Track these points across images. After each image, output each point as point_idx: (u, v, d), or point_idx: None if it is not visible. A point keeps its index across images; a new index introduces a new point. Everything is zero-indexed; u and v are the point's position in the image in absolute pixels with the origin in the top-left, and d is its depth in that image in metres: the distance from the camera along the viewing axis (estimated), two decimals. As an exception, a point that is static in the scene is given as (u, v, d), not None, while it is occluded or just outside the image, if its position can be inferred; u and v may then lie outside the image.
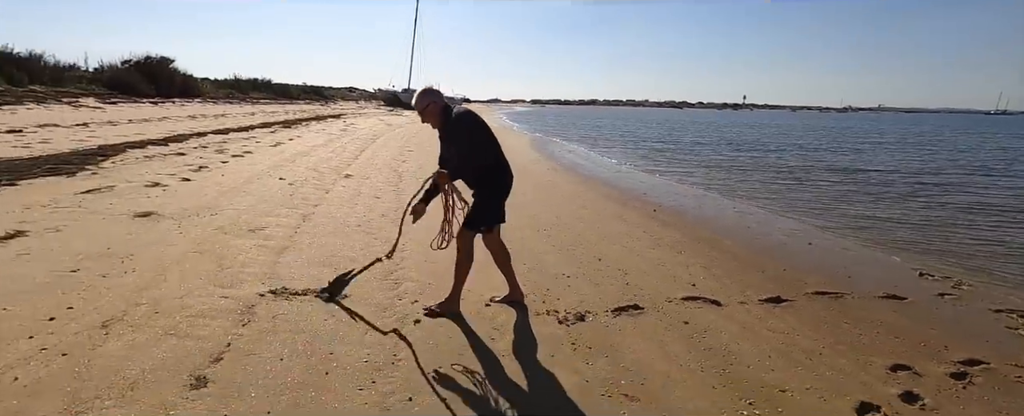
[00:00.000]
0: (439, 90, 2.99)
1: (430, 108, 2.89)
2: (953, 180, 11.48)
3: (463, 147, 2.86)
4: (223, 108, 20.46)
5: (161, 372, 2.16)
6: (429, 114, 2.91)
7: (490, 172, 2.96)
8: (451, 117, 2.89)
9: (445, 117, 2.89)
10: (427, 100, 2.89)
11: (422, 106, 2.89)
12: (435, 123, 2.94)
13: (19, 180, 5.18)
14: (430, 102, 2.89)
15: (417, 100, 2.91)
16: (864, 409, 2.34)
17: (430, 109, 2.89)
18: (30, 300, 2.74)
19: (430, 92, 2.93)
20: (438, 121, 2.92)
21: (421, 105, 2.90)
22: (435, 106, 2.89)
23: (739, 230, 6.02)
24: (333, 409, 2.02)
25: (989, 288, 4.30)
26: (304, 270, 3.52)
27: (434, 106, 2.89)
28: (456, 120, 2.88)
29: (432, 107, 2.89)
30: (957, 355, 2.90)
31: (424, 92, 2.93)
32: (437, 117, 2.90)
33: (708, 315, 3.29)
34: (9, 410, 1.86)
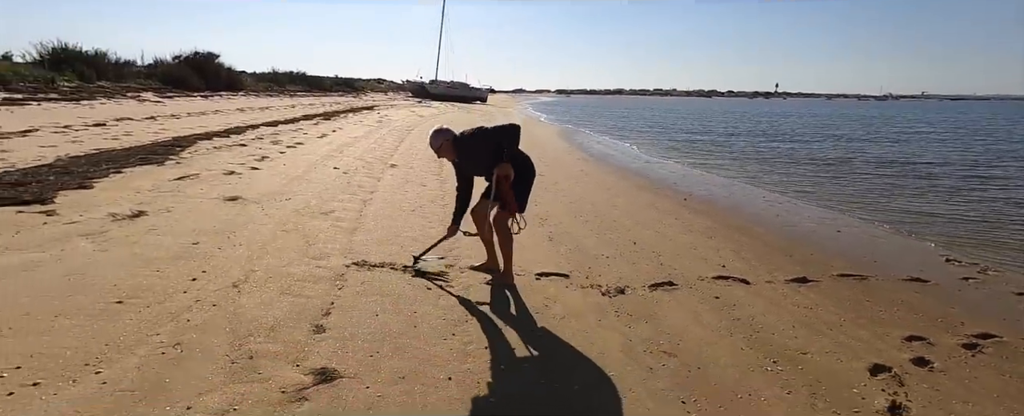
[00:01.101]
0: (448, 128, 3.42)
1: (444, 145, 3.34)
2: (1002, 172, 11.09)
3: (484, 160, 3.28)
4: (266, 101, 21.39)
5: (289, 320, 2.66)
6: (444, 150, 3.36)
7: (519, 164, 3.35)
8: (461, 144, 3.33)
9: (458, 147, 3.33)
10: (440, 140, 3.34)
11: (437, 145, 3.35)
12: (451, 156, 3.39)
13: (123, 168, 5.85)
14: (443, 141, 3.34)
15: (431, 141, 3.36)
16: (877, 370, 2.64)
17: (444, 146, 3.35)
18: (173, 266, 3.30)
19: (441, 132, 3.37)
20: (453, 154, 3.37)
21: (436, 145, 3.35)
22: (447, 143, 3.34)
23: (769, 218, 6.26)
24: (427, 352, 2.48)
25: (1016, 275, 4.47)
26: (376, 247, 4.00)
27: (447, 143, 3.34)
28: (466, 140, 3.31)
29: (445, 144, 3.34)
30: (972, 330, 3.15)
31: (435, 133, 3.38)
32: (452, 151, 3.36)
33: (737, 292, 3.62)
34: (193, 341, 2.39)
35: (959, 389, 2.47)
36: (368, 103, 29.28)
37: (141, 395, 1.94)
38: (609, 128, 23.88)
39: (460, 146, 3.34)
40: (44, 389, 1.92)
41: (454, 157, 3.40)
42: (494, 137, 3.28)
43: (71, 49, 18.59)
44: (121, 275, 3.06)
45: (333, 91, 38.93)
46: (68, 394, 1.91)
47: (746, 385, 2.40)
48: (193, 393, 1.98)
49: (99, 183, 5.16)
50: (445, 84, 50.76)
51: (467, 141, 3.33)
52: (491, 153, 3.26)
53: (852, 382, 2.48)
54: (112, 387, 1.97)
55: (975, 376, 2.64)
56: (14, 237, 3.58)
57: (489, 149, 3.27)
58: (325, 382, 2.16)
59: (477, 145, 3.31)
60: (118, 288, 2.87)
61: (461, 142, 3.34)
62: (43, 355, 2.15)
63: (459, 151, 3.36)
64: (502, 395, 2.19)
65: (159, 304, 2.72)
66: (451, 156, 3.39)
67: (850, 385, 2.45)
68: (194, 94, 19.78)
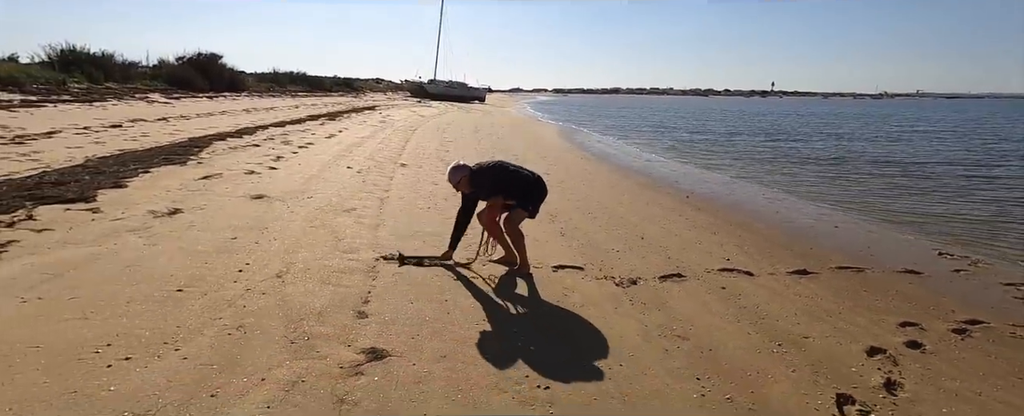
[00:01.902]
0: (464, 164, 3.70)
1: (462, 181, 3.63)
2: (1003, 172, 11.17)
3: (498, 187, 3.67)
4: (270, 102, 21.57)
5: (333, 307, 2.90)
6: (462, 185, 3.65)
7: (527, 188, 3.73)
8: (476, 178, 3.63)
9: (475, 180, 3.63)
10: (458, 176, 3.62)
11: (455, 181, 3.63)
12: (469, 189, 3.67)
13: (149, 168, 6.06)
14: (461, 177, 3.62)
15: (450, 176, 3.64)
16: (873, 352, 2.89)
17: (462, 182, 3.63)
18: (218, 258, 3.54)
19: (458, 168, 3.65)
20: (470, 187, 3.66)
21: (454, 180, 3.63)
22: (466, 178, 3.62)
23: (769, 215, 6.52)
24: (462, 335, 2.72)
25: (1005, 267, 4.71)
26: (400, 242, 4.23)
27: (465, 179, 3.62)
28: (482, 179, 3.63)
29: (463, 180, 3.62)
30: (962, 316, 3.40)
31: (454, 169, 3.65)
32: (469, 185, 3.65)
33: (742, 283, 3.86)
34: (252, 324, 2.62)
35: (948, 368, 2.72)
36: (369, 103, 29.47)
37: (219, 368, 2.18)
38: (608, 127, 24.12)
39: (476, 179, 3.64)
40: (135, 363, 2.16)
41: (470, 190, 3.69)
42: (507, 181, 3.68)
43: (79, 51, 18.83)
44: (174, 267, 3.30)
45: (333, 91, 39.09)
46: (157, 366, 2.14)
47: (754, 365, 2.65)
48: (263, 367, 2.22)
49: (131, 182, 5.39)
50: (444, 84, 50.90)
51: (484, 172, 3.66)
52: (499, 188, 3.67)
53: (851, 362, 2.73)
54: (193, 361, 2.21)
55: (963, 357, 2.88)
56: (69, 232, 3.80)
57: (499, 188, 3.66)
58: (376, 360, 2.39)
59: (492, 178, 3.66)
60: (175, 278, 3.11)
61: (477, 175, 3.64)
62: (126, 335, 2.39)
63: (477, 184, 3.65)
64: (535, 370, 2.42)
65: (215, 292, 2.96)
66: (469, 189, 3.68)
67: (849, 365, 2.70)
68: (199, 95, 19.94)
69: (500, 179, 3.68)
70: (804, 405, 2.32)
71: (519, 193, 3.70)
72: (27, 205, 4.17)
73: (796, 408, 2.29)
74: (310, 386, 2.13)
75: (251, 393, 2.04)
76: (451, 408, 2.09)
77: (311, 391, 2.10)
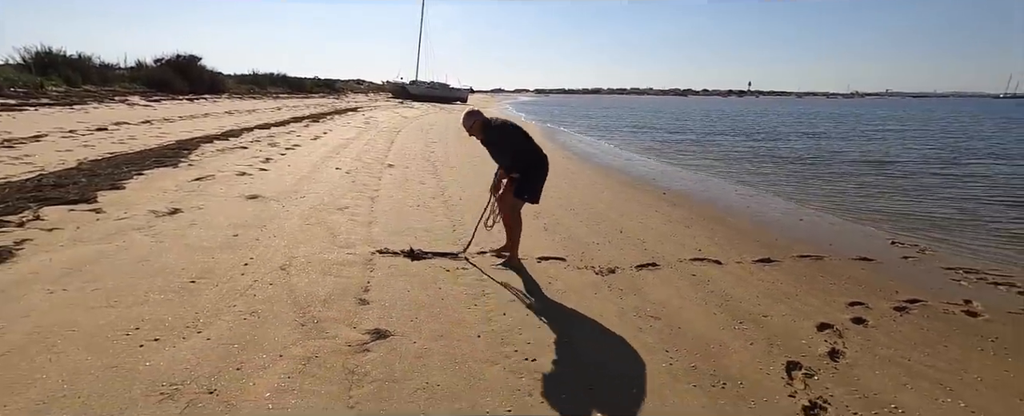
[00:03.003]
0: (479, 110, 3.95)
1: (475, 125, 3.88)
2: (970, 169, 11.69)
3: (507, 149, 3.85)
4: (251, 104, 21.48)
5: (336, 295, 3.15)
6: (474, 130, 3.89)
7: (531, 164, 3.91)
8: (490, 128, 3.86)
9: (486, 130, 3.87)
10: (471, 120, 3.88)
11: (468, 125, 3.88)
12: (480, 136, 3.91)
13: (142, 171, 6.19)
14: (474, 121, 3.88)
15: (463, 120, 3.89)
16: (822, 327, 3.25)
17: (475, 126, 3.88)
18: (223, 253, 3.76)
19: (473, 113, 3.90)
20: (481, 134, 3.89)
21: (467, 124, 3.88)
22: (477, 123, 3.87)
23: (740, 209, 6.93)
24: (456, 318, 3.00)
25: (948, 254, 5.16)
26: (392, 237, 4.48)
27: (477, 123, 3.88)
28: (495, 130, 3.86)
29: (475, 124, 3.88)
30: (903, 296, 3.80)
31: (468, 114, 3.91)
32: (480, 132, 3.89)
33: (711, 271, 4.22)
34: (265, 310, 2.86)
35: (885, 339, 3.10)
36: (351, 104, 29.46)
37: (240, 347, 2.43)
38: (589, 127, 24.57)
39: (488, 131, 3.85)
40: (164, 343, 2.40)
41: (482, 137, 3.89)
42: (512, 145, 3.84)
43: (56, 53, 18.47)
44: (184, 261, 3.51)
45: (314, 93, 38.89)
46: (185, 345, 2.39)
47: (717, 339, 2.98)
48: (280, 346, 2.47)
49: (128, 184, 5.53)
50: (425, 85, 50.93)
51: (493, 130, 3.85)
52: (504, 152, 3.82)
53: (802, 336, 3.08)
54: (216, 342, 2.45)
55: (900, 330, 3.27)
56: (77, 231, 3.97)
57: (503, 149, 3.83)
58: (381, 338, 2.66)
59: (498, 140, 3.85)
60: (186, 271, 3.32)
61: (489, 127, 3.85)
62: (151, 320, 2.62)
63: (486, 134, 3.86)
64: (522, 347, 2.72)
65: (225, 283, 3.19)
66: (480, 135, 3.89)
67: (800, 338, 3.05)
68: (179, 97, 19.78)
69: (514, 141, 3.80)
70: (758, 371, 2.65)
71: (533, 177, 3.86)
72: (32, 206, 4.32)
73: (752, 373, 2.63)
74: (323, 361, 2.39)
75: (272, 367, 2.29)
76: (450, 378, 2.37)
77: (325, 365, 2.36)
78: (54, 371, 2.13)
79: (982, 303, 3.70)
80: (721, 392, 2.43)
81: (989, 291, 4.02)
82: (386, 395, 2.19)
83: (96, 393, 2.01)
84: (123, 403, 1.96)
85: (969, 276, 4.35)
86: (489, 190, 4.11)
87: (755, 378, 2.57)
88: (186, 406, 1.97)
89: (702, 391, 2.43)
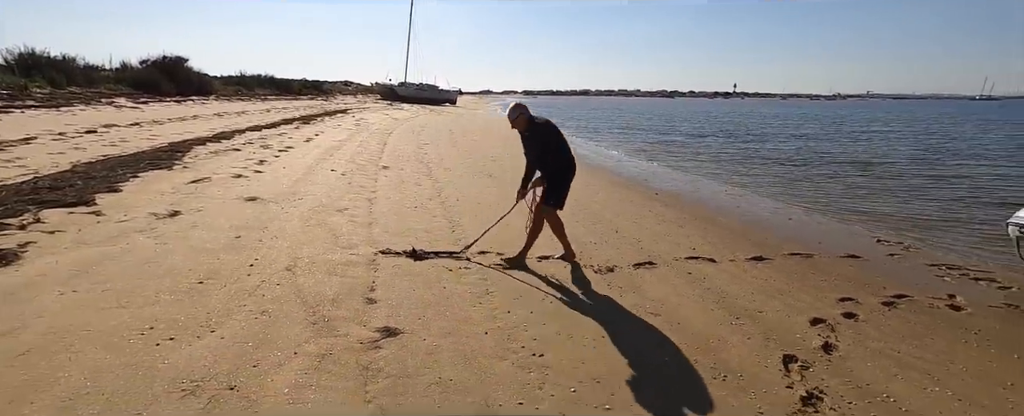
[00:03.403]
0: (525, 105, 4.12)
1: (519, 118, 4.03)
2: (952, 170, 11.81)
3: (539, 149, 4.03)
4: (239, 105, 21.28)
5: (344, 294, 3.20)
6: (519, 122, 4.05)
7: (559, 169, 4.10)
8: (533, 124, 4.03)
9: (530, 124, 4.03)
10: (517, 112, 4.04)
11: (514, 117, 4.04)
12: (522, 128, 4.06)
13: (138, 173, 6.16)
14: (519, 114, 4.04)
15: (510, 112, 4.05)
16: (815, 322, 3.37)
17: (519, 119, 4.04)
18: (228, 255, 3.78)
19: (519, 107, 4.06)
20: (524, 127, 4.05)
21: (513, 116, 4.04)
22: (523, 117, 4.03)
23: (730, 209, 7.08)
24: (462, 316, 3.06)
25: (933, 251, 5.35)
26: (394, 238, 4.54)
27: (522, 117, 4.04)
28: (537, 128, 4.03)
29: (520, 118, 4.03)
30: (891, 292, 3.95)
31: (515, 107, 4.07)
32: (524, 125, 4.04)
33: (706, 269, 4.33)
34: (275, 309, 2.91)
35: (875, 333, 3.23)
36: (341, 106, 29.32)
37: (254, 345, 2.47)
38: (580, 129, 24.75)
39: (531, 126, 4.04)
40: (180, 342, 2.43)
41: (525, 130, 4.06)
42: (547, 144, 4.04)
43: (40, 54, 18.11)
44: (190, 263, 3.53)
45: (303, 94, 38.60)
46: (201, 344, 2.43)
47: (715, 334, 3.09)
48: (293, 344, 2.52)
49: (124, 186, 5.51)
50: (414, 86, 50.80)
51: (536, 126, 4.04)
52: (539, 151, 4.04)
53: (796, 331, 3.20)
54: (230, 340, 2.49)
55: (888, 323, 3.41)
56: (79, 233, 3.97)
57: (537, 149, 4.04)
58: (391, 336, 2.72)
59: (537, 136, 4.04)
60: (193, 272, 3.35)
61: (533, 123, 4.04)
62: (164, 319, 2.65)
63: (528, 128, 4.04)
64: (528, 343, 2.80)
65: (234, 284, 3.22)
66: (522, 128, 4.06)
67: (795, 332, 3.17)
68: (166, 99, 19.53)
69: (550, 140, 4.01)
70: (757, 364, 2.76)
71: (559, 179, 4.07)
72: (31, 209, 4.30)
73: (750, 366, 2.73)
74: (337, 358, 2.45)
75: (288, 364, 2.34)
76: (462, 373, 2.44)
77: (339, 361, 2.42)
78: (75, 370, 2.16)
79: (965, 298, 3.86)
80: (722, 384, 2.52)
81: (971, 286, 4.19)
82: (401, 389, 2.26)
83: (119, 390, 2.04)
84: (147, 399, 2.00)
85: (952, 272, 4.52)
86: (517, 192, 4.22)
87: (754, 371, 2.67)
88: (208, 402, 2.01)
89: (704, 384, 2.52)
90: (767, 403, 2.38)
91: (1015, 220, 4.34)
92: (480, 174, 8.55)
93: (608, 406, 2.27)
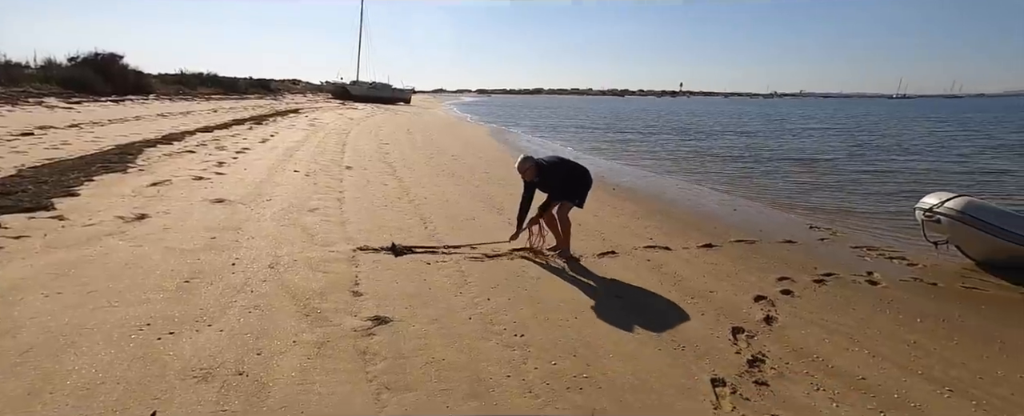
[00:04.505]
0: (532, 155, 4.46)
1: (529, 169, 4.36)
2: (876, 163, 12.88)
3: (560, 182, 4.46)
4: (183, 105, 20.29)
5: (330, 288, 3.35)
6: (528, 172, 4.37)
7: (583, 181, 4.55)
8: (542, 168, 4.38)
9: (540, 170, 4.37)
10: (527, 164, 4.36)
11: (524, 168, 4.36)
12: (532, 177, 4.38)
13: (92, 177, 5.93)
14: (529, 166, 4.36)
15: (520, 164, 4.38)
16: (758, 298, 3.81)
17: (529, 170, 4.36)
18: (207, 255, 3.81)
19: (528, 159, 4.40)
20: (534, 176, 4.38)
21: (523, 168, 4.36)
22: (531, 168, 4.36)
23: (682, 202, 7.61)
24: (447, 304, 3.29)
25: (855, 234, 6.02)
26: (368, 235, 4.68)
27: (531, 169, 4.36)
28: (547, 169, 4.40)
29: (530, 169, 4.36)
30: (821, 271, 4.48)
31: (524, 159, 4.41)
32: (534, 174, 4.38)
33: (662, 256, 4.74)
34: (267, 304, 3.02)
35: (808, 305, 3.70)
36: (292, 105, 28.50)
37: (254, 336, 2.60)
38: (536, 128, 25.22)
39: (542, 171, 4.37)
40: (180, 336, 2.53)
41: (534, 178, 4.38)
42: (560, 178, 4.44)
43: (-46, 52, 16.65)
44: (171, 263, 3.56)
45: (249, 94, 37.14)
46: (201, 337, 2.54)
47: (674, 311, 3.46)
48: (291, 334, 2.67)
49: (81, 190, 5.33)
50: (367, 85, 49.87)
51: (545, 170, 4.38)
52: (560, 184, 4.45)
53: (743, 307, 3.62)
54: (229, 333, 2.61)
55: (818, 297, 3.90)
56: (47, 238, 3.88)
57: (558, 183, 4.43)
58: (382, 324, 2.92)
59: (556, 175, 4.42)
60: (177, 272, 3.39)
61: (541, 170, 4.36)
62: (159, 316, 2.73)
63: (540, 173, 4.37)
64: (509, 325, 3.06)
65: (220, 282, 3.30)
66: (532, 177, 4.38)
67: (741, 308, 3.59)
68: (102, 98, 18.36)
69: (567, 177, 4.42)
70: (709, 335, 3.14)
71: (580, 190, 4.49)
72: (-11, 214, 4.14)
73: (704, 337, 3.11)
74: (335, 345, 2.62)
75: (290, 351, 2.50)
76: (453, 353, 2.67)
77: (338, 347, 2.59)
78: (85, 364, 2.23)
79: (880, 274, 4.45)
80: (682, 352, 2.88)
81: (886, 264, 4.80)
82: (399, 370, 2.46)
83: (134, 379, 2.14)
84: (164, 385, 2.11)
85: (871, 253, 5.15)
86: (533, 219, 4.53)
87: (709, 341, 3.05)
88: (222, 386, 2.15)
89: (667, 353, 2.86)
90: (720, 366, 2.74)
91: (920, 205, 5.01)
92: (444, 174, 8.72)
93: (586, 375, 2.56)
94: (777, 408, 2.37)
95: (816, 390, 2.55)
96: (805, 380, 2.65)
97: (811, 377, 2.68)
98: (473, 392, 2.33)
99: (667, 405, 2.36)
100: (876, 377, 2.70)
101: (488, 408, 2.22)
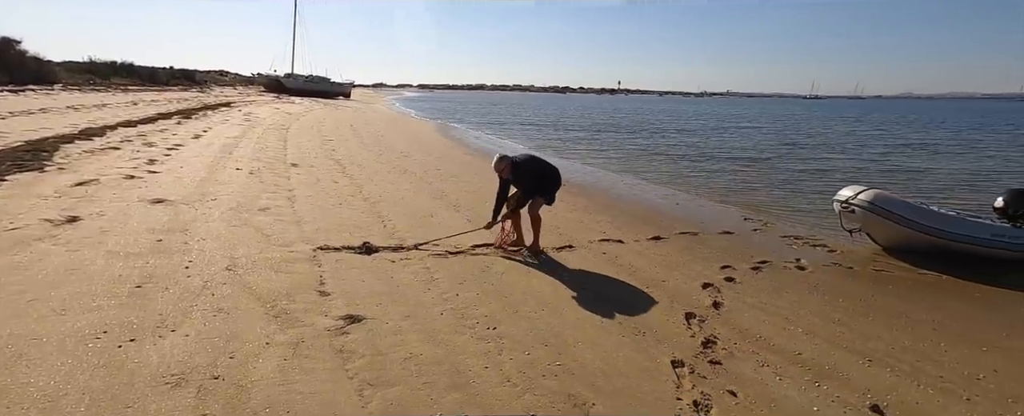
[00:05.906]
0: (506, 155, 4.55)
1: (505, 167, 4.46)
2: (803, 160, 14.07)
3: (533, 179, 4.54)
4: (96, 97, 18.52)
5: (296, 289, 3.28)
6: (504, 170, 4.47)
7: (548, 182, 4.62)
8: (517, 165, 4.47)
9: (514, 168, 4.47)
10: (503, 163, 4.48)
11: (500, 167, 4.46)
12: (507, 174, 4.48)
13: (5, 176, 5.34)
14: (504, 164, 4.48)
15: (496, 164, 4.50)
16: (705, 285, 4.12)
17: (505, 168, 4.47)
18: (156, 258, 3.60)
19: (504, 158, 4.49)
20: (509, 173, 4.48)
21: (499, 166, 4.47)
22: (509, 165, 4.46)
23: (630, 197, 7.98)
24: (416, 301, 3.32)
25: (785, 225, 6.57)
26: (327, 234, 4.59)
27: (507, 166, 4.46)
28: (521, 166, 4.49)
29: (506, 168, 4.47)
30: (757, 259, 4.89)
31: (500, 158, 4.50)
32: (509, 171, 4.47)
33: (616, 248, 4.99)
34: (230, 307, 2.92)
35: (749, 290, 4.05)
36: (221, 99, 26.82)
37: (224, 339, 2.53)
38: (481, 124, 25.27)
39: (516, 169, 4.50)
40: (142, 343, 2.41)
41: (509, 175, 4.48)
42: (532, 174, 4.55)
43: None
44: (117, 268, 3.34)
45: (172, 85, 34.53)
46: (166, 343, 2.43)
47: (632, 300, 3.69)
48: (263, 336, 2.62)
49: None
50: (303, 78, 47.79)
51: (519, 167, 4.51)
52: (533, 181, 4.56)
53: (692, 293, 3.91)
54: (195, 338, 2.52)
55: (757, 283, 4.27)
56: (-34, 244, 3.50)
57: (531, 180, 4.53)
58: (355, 322, 2.92)
59: (529, 171, 4.54)
60: (126, 278, 3.19)
61: (516, 167, 4.50)
62: (116, 324, 2.58)
63: (513, 172, 4.48)
64: (481, 319, 3.15)
65: (176, 286, 3.15)
66: (506, 175, 4.50)
67: (691, 295, 3.87)
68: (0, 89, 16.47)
69: (539, 176, 4.54)
70: (665, 321, 3.38)
71: (551, 187, 4.62)
72: None
73: (661, 323, 3.34)
74: (311, 344, 2.60)
75: (264, 353, 2.45)
76: (430, 348, 2.73)
77: (313, 347, 2.58)
78: (42, 376, 2.08)
79: (807, 260, 4.93)
80: (643, 338, 3.09)
81: (811, 252, 5.31)
82: (379, 366, 2.49)
83: (100, 388, 2.03)
84: (134, 394, 2.02)
85: (798, 242, 5.66)
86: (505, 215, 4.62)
87: (665, 327, 3.29)
88: (198, 391, 2.09)
89: (629, 338, 3.06)
90: (678, 349, 2.98)
91: (837, 197, 5.57)
92: (396, 170, 8.62)
93: (559, 363, 2.70)
94: (731, 384, 2.62)
95: (762, 366, 2.84)
96: (752, 358, 2.93)
97: (757, 355, 2.97)
98: (454, 384, 2.41)
99: (635, 387, 2.54)
100: (810, 352, 3.04)
101: (470, 398, 2.30)
